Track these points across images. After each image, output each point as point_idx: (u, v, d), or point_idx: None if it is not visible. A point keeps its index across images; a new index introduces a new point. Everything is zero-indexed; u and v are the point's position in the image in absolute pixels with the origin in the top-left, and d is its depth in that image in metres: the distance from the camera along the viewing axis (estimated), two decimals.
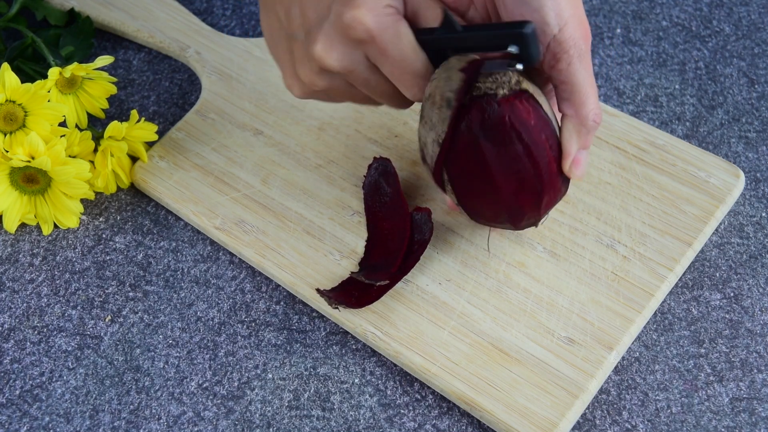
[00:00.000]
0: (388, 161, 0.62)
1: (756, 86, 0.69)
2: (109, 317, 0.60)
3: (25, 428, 0.56)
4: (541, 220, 0.55)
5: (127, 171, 0.65)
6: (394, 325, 0.56)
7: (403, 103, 0.55)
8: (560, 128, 0.52)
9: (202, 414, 0.56)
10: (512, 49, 0.48)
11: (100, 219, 0.65)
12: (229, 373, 0.57)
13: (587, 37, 0.50)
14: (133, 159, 0.66)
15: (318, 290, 0.57)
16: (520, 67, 0.48)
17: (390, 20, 0.50)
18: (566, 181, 0.53)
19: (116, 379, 0.57)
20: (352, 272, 0.58)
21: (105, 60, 0.63)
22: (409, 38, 0.50)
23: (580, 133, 0.51)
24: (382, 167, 0.62)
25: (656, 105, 0.68)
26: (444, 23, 0.50)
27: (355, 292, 0.57)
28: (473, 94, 0.50)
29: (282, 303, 0.60)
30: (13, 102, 0.60)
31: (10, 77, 0.59)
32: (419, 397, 0.56)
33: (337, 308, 0.56)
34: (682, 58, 0.71)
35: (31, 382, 0.58)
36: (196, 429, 0.55)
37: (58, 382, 0.57)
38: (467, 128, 0.50)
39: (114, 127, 0.62)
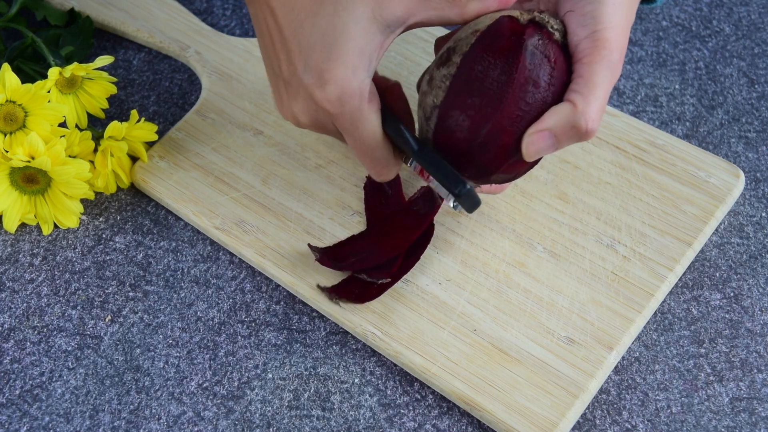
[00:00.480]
0: None
1: (756, 86, 0.69)
2: (109, 317, 0.60)
3: (25, 428, 0.56)
4: (490, 179, 0.52)
5: (127, 171, 0.65)
6: (394, 325, 0.56)
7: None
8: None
9: (202, 414, 0.56)
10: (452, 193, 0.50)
11: (100, 219, 0.65)
12: (229, 373, 0.57)
13: (622, 56, 0.49)
14: (133, 159, 0.66)
15: (319, 286, 0.57)
16: (455, 206, 0.53)
17: (356, 104, 0.49)
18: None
19: (116, 379, 0.57)
20: (355, 273, 0.58)
21: (105, 60, 0.63)
22: (372, 127, 0.50)
23: (565, 121, 0.48)
24: None
25: (656, 105, 0.68)
26: (402, 137, 0.51)
27: (355, 289, 0.57)
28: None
29: (282, 303, 0.60)
30: (14, 102, 0.60)
31: (11, 77, 0.59)
32: (419, 397, 0.56)
33: (337, 303, 0.57)
34: (682, 58, 0.71)
35: (31, 382, 0.58)
36: (196, 429, 0.55)
37: (58, 382, 0.57)
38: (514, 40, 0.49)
39: (114, 127, 0.62)
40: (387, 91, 0.54)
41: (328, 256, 0.58)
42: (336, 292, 0.57)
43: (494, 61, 0.49)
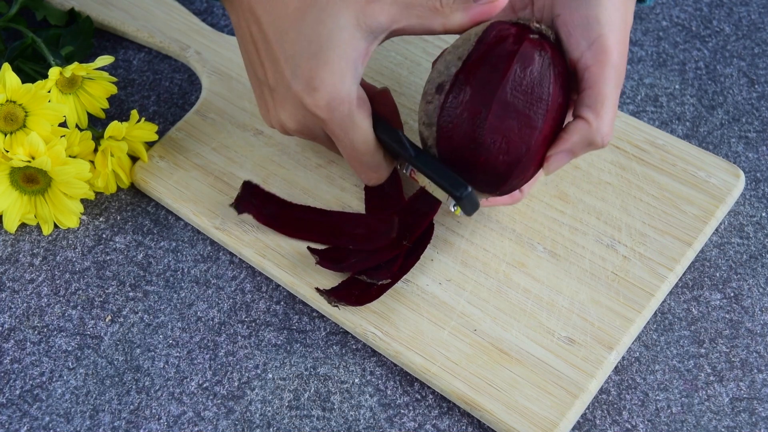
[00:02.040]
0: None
1: (756, 86, 0.69)
2: (109, 317, 0.60)
3: (25, 428, 0.56)
4: (503, 189, 0.52)
5: (127, 171, 0.65)
6: (394, 325, 0.56)
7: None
8: (568, 125, 0.51)
9: (202, 414, 0.56)
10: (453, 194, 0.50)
11: (100, 219, 0.65)
12: (229, 373, 0.57)
13: (625, 58, 0.50)
14: (133, 159, 0.66)
15: (317, 289, 0.57)
16: (456, 209, 0.52)
17: (346, 109, 0.50)
18: (535, 170, 0.52)
19: (116, 379, 0.57)
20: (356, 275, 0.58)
21: (105, 60, 0.63)
22: (365, 132, 0.51)
23: (582, 140, 0.50)
24: None
25: (656, 105, 0.68)
26: (399, 142, 0.51)
27: (355, 291, 0.57)
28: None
29: (282, 303, 0.60)
30: (14, 102, 0.60)
31: (11, 77, 0.59)
32: (419, 397, 0.56)
33: (336, 306, 0.57)
34: (682, 58, 0.71)
35: (31, 382, 0.58)
36: (196, 429, 0.55)
37: (58, 382, 0.57)
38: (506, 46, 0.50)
39: (114, 127, 0.62)
40: (376, 97, 0.54)
41: (327, 258, 0.58)
42: (335, 295, 0.56)
43: (494, 71, 0.50)
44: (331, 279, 0.59)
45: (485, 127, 0.49)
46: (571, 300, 0.57)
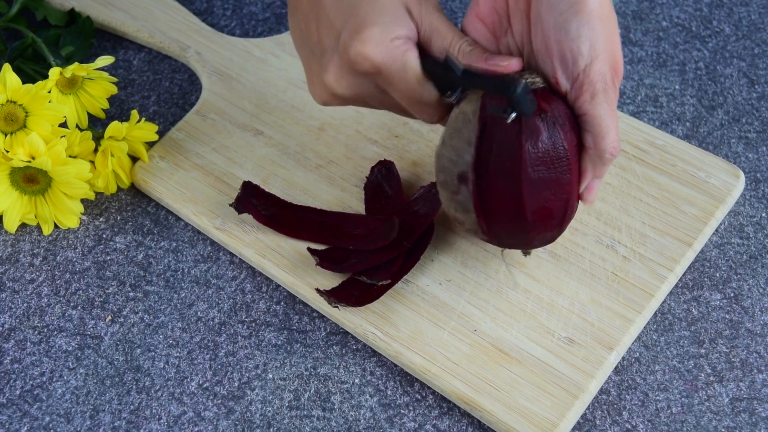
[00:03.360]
0: (392, 164, 0.62)
1: (756, 86, 0.69)
2: (110, 317, 0.60)
3: (25, 428, 0.56)
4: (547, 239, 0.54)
5: (127, 171, 0.65)
6: (394, 326, 0.56)
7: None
8: (581, 157, 0.51)
9: (202, 414, 0.56)
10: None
11: (101, 219, 0.65)
12: (229, 373, 0.57)
13: (618, 71, 0.50)
14: (134, 159, 0.66)
15: (317, 290, 0.57)
16: (513, 115, 0.50)
17: (396, 53, 0.51)
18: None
19: (116, 379, 0.57)
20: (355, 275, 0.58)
21: (105, 60, 0.63)
22: (415, 71, 0.52)
23: (596, 164, 0.51)
24: (385, 169, 0.62)
25: (656, 105, 0.68)
26: (445, 64, 0.51)
27: (355, 291, 0.57)
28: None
29: (282, 303, 0.60)
30: (14, 102, 0.60)
31: (11, 78, 0.59)
32: (419, 397, 0.56)
33: (336, 307, 0.57)
34: (682, 58, 0.71)
35: (31, 382, 0.58)
36: (196, 429, 0.55)
37: (59, 382, 0.57)
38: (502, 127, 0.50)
39: (114, 127, 0.62)
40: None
41: (327, 258, 0.58)
42: (335, 296, 0.56)
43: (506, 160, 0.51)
44: (331, 279, 0.59)
45: (524, 210, 0.50)
46: (571, 300, 0.57)
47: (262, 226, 0.61)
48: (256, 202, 0.61)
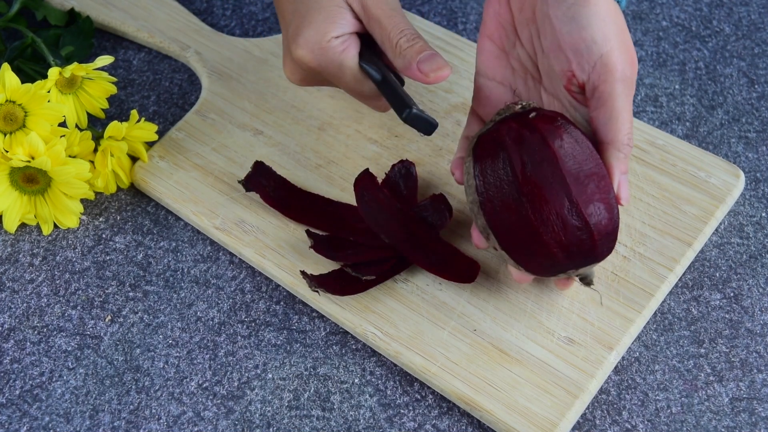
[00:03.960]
0: (412, 165, 0.61)
1: (756, 86, 0.69)
2: (109, 317, 0.60)
3: (25, 428, 0.56)
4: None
5: (127, 171, 0.65)
6: (394, 325, 0.56)
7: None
8: (601, 155, 0.51)
9: (202, 414, 0.56)
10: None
11: (100, 219, 0.65)
12: (229, 373, 0.57)
13: (633, 64, 0.50)
14: (133, 159, 0.66)
15: (302, 272, 0.57)
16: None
17: (332, 54, 0.55)
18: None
19: (116, 379, 0.57)
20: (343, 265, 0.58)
21: (105, 60, 0.63)
22: (352, 70, 0.55)
23: (618, 158, 0.51)
24: (405, 169, 0.61)
25: (656, 105, 0.68)
26: (366, 72, 0.56)
27: (341, 282, 0.57)
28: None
29: (282, 303, 0.60)
30: (13, 102, 0.60)
31: (11, 77, 0.59)
32: (419, 397, 0.56)
33: (316, 291, 0.57)
34: (682, 58, 0.71)
35: (31, 382, 0.58)
36: (196, 429, 0.55)
37: (58, 382, 0.57)
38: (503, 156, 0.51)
39: (114, 127, 0.62)
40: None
41: (323, 244, 0.58)
42: (317, 281, 0.56)
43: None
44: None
45: (582, 212, 0.50)
46: (571, 300, 0.57)
47: (262, 226, 0.61)
48: (265, 183, 0.61)
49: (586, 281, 0.53)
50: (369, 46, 0.57)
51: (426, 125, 0.54)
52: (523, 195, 0.50)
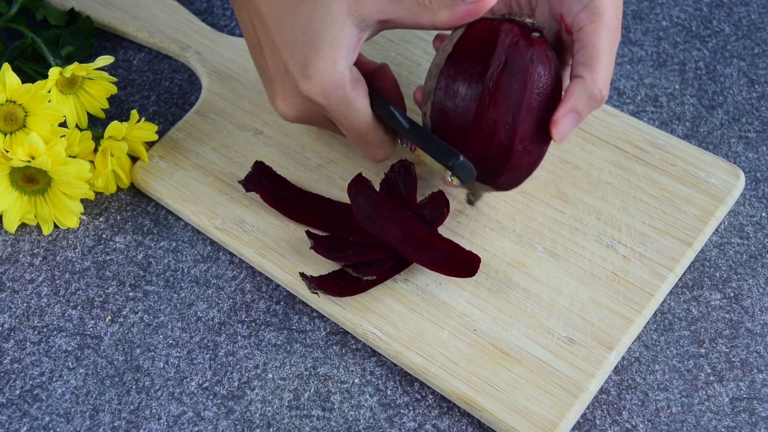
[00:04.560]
0: (412, 165, 0.61)
1: (756, 86, 0.69)
2: (109, 317, 0.60)
3: (25, 428, 0.56)
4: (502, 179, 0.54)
5: (127, 171, 0.65)
6: (394, 325, 0.56)
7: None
8: (567, 87, 0.52)
9: (202, 414, 0.56)
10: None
11: (100, 219, 0.65)
12: (229, 373, 0.57)
13: (620, 15, 0.51)
14: (133, 159, 0.66)
15: (301, 274, 0.57)
16: (456, 181, 0.53)
17: (342, 92, 0.52)
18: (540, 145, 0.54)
19: (116, 379, 0.57)
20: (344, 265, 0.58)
21: (105, 60, 0.63)
22: (362, 112, 0.53)
23: (580, 97, 0.51)
24: (404, 169, 0.61)
25: (656, 105, 0.68)
26: (392, 117, 0.52)
27: (341, 282, 0.57)
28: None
29: (282, 303, 0.60)
30: (14, 102, 0.60)
31: (11, 77, 0.59)
32: (419, 397, 0.56)
33: (316, 293, 0.57)
34: (682, 58, 0.71)
35: (31, 382, 0.58)
36: (196, 429, 0.55)
37: (58, 382, 0.57)
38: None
39: (114, 127, 0.62)
40: (375, 74, 0.56)
41: (323, 244, 0.58)
42: (317, 283, 0.56)
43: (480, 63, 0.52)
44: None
45: (514, 138, 0.51)
46: (571, 300, 0.57)
47: (262, 226, 0.61)
48: (265, 183, 0.61)
49: (473, 199, 0.54)
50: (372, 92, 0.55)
51: (469, 172, 0.51)
52: (482, 84, 0.51)
